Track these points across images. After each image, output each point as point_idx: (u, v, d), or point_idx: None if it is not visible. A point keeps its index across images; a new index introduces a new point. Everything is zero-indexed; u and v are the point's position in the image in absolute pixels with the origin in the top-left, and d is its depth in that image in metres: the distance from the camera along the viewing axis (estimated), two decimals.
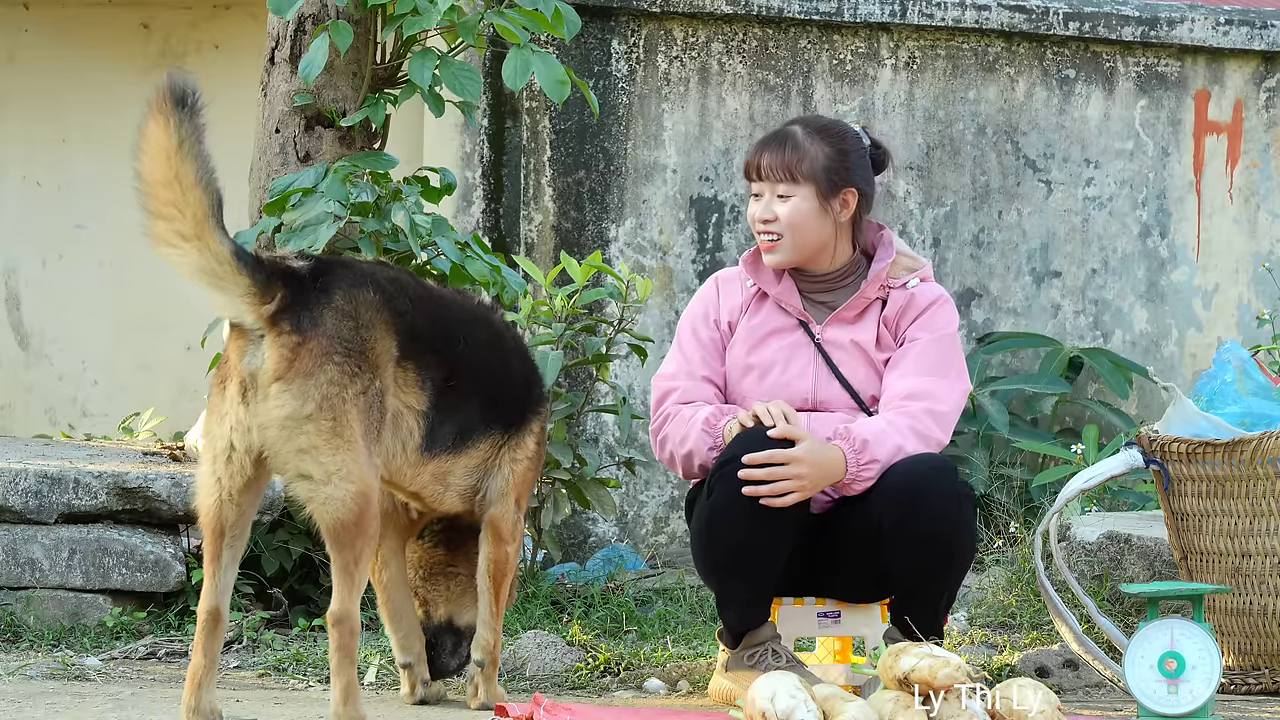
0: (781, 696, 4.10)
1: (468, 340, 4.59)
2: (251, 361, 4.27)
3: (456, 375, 4.54)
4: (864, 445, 4.73)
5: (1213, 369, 5.48)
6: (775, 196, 4.89)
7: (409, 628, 4.84)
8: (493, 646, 4.78)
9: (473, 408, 4.60)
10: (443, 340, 4.54)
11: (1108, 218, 7.63)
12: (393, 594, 4.84)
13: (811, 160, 4.87)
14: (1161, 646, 4.72)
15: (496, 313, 4.81)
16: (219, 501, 4.34)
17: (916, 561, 4.72)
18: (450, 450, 4.57)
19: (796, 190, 4.87)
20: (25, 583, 5.68)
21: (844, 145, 4.92)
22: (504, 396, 4.68)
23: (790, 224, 4.88)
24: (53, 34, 8.22)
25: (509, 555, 4.75)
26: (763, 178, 4.90)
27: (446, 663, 4.87)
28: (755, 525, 4.70)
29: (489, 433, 4.65)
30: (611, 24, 7.21)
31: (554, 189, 7.16)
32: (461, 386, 4.56)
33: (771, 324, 4.96)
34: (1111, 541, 5.94)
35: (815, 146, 4.89)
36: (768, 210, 4.89)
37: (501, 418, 4.67)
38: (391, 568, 4.84)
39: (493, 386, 4.65)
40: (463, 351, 4.56)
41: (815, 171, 4.87)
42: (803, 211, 4.88)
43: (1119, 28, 7.57)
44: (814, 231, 4.89)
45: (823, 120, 5.01)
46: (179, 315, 8.04)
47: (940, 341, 4.90)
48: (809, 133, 4.92)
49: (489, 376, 4.64)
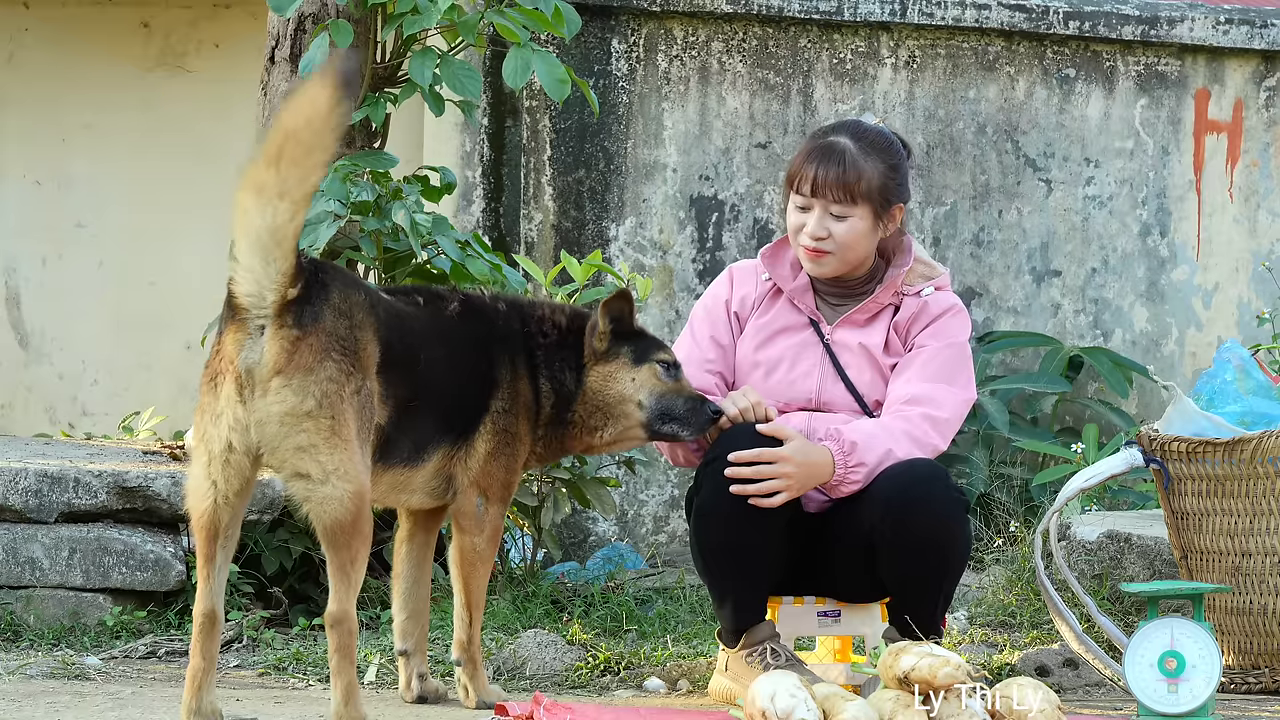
0: (781, 696, 4.10)
1: (428, 356, 4.54)
2: (249, 355, 4.23)
3: (417, 395, 4.49)
4: (853, 448, 4.72)
5: (1213, 368, 5.48)
6: (828, 214, 4.81)
7: (413, 612, 4.81)
8: (467, 644, 4.74)
9: (428, 425, 4.55)
10: (410, 358, 4.49)
11: (1108, 217, 7.63)
12: (406, 570, 4.81)
13: (869, 180, 4.80)
14: (1162, 645, 4.72)
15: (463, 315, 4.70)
16: (214, 505, 4.30)
17: (911, 568, 4.71)
18: (405, 463, 4.52)
19: (853, 211, 4.81)
20: (25, 582, 5.68)
21: (894, 160, 4.86)
22: (456, 408, 4.61)
23: (844, 243, 4.83)
24: (53, 33, 8.22)
25: (474, 546, 4.68)
26: (816, 194, 4.82)
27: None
28: (743, 523, 4.69)
29: (440, 444, 4.59)
30: (612, 23, 7.21)
31: (554, 188, 7.16)
32: (420, 406, 4.51)
33: (782, 321, 4.95)
34: (1111, 540, 5.94)
35: (870, 164, 4.81)
36: (820, 228, 4.82)
37: (452, 428, 4.60)
38: (411, 545, 4.81)
39: (447, 401, 4.58)
40: (424, 369, 4.51)
41: (872, 191, 4.81)
42: (858, 231, 4.83)
43: (1119, 27, 7.57)
44: (864, 248, 4.87)
45: (870, 132, 4.89)
46: (179, 314, 8.05)
47: (948, 349, 4.88)
48: (863, 149, 4.83)
49: (444, 393, 4.57)
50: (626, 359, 4.75)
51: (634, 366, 4.75)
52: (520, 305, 4.81)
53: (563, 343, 4.76)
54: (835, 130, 4.90)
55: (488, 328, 4.71)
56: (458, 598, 4.74)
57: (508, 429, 4.68)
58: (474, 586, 4.72)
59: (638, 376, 4.74)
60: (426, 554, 4.83)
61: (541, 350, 4.75)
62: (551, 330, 4.76)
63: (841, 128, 4.91)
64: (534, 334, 4.75)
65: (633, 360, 4.76)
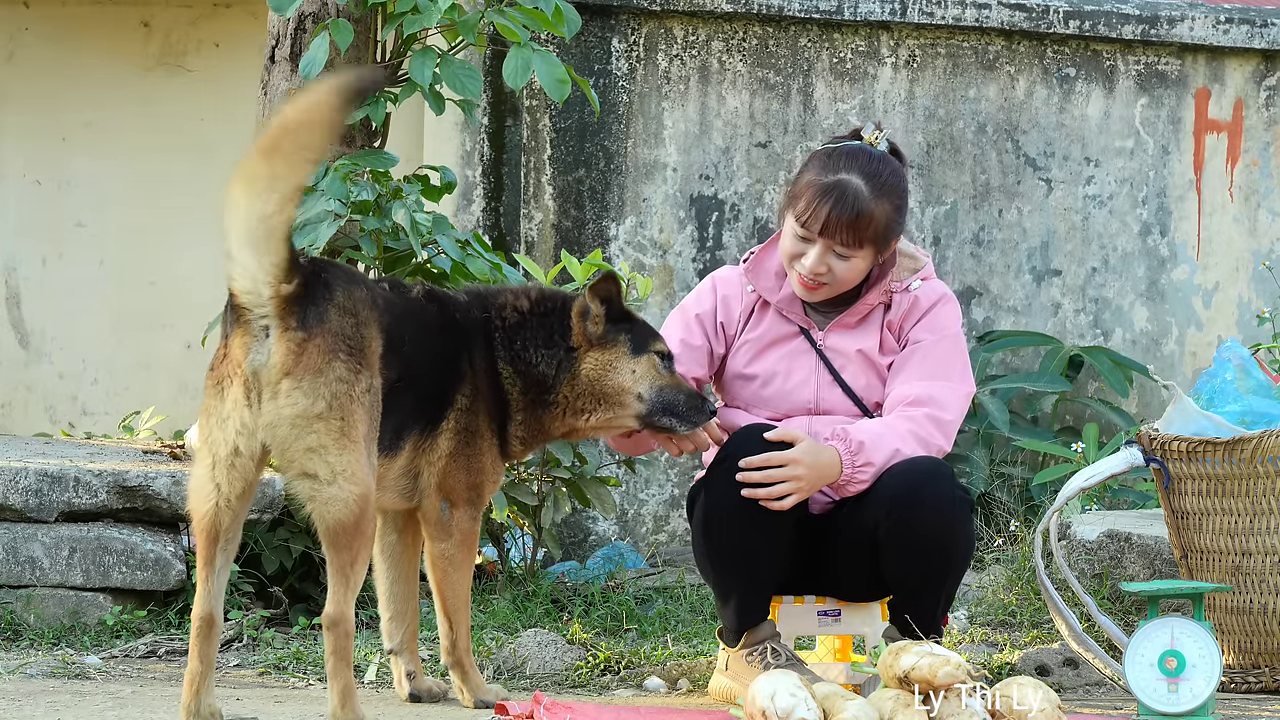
0: (782, 695, 4.10)
1: (410, 338, 4.51)
2: (257, 358, 4.22)
3: (402, 376, 4.47)
4: (860, 447, 4.72)
5: (1213, 367, 5.48)
6: (831, 252, 4.78)
7: (396, 612, 4.79)
8: (453, 648, 4.72)
9: (406, 407, 4.51)
10: (399, 340, 4.46)
11: (1108, 216, 7.63)
12: (385, 570, 4.78)
13: (876, 224, 4.77)
14: (1162, 645, 4.72)
15: (427, 301, 4.67)
16: (216, 508, 4.29)
17: (913, 566, 4.71)
18: (386, 451, 4.47)
19: (858, 253, 4.79)
20: (25, 581, 5.68)
21: (900, 199, 4.82)
22: (428, 395, 4.57)
23: (843, 280, 4.82)
24: (53, 32, 8.22)
25: (444, 552, 4.65)
26: (824, 234, 4.76)
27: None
28: (752, 524, 4.70)
29: (412, 432, 4.55)
30: (612, 22, 7.21)
31: (554, 187, 7.16)
32: (404, 385, 4.48)
33: (773, 333, 4.94)
34: (1111, 540, 5.94)
35: (879, 207, 4.77)
36: (820, 264, 4.79)
37: (422, 416, 4.57)
38: (383, 544, 4.77)
39: (421, 385, 4.54)
40: (406, 350, 4.49)
41: (879, 234, 4.78)
42: (858, 270, 4.82)
43: (1119, 26, 7.57)
44: (859, 279, 4.87)
45: (883, 168, 4.83)
46: (179, 314, 8.05)
47: (944, 343, 4.88)
48: (874, 190, 4.77)
49: (421, 375, 4.54)
50: (625, 348, 4.71)
51: (633, 357, 4.71)
52: (481, 293, 4.77)
53: (523, 324, 4.69)
54: (847, 164, 4.80)
55: (451, 317, 4.67)
56: (436, 604, 4.72)
57: (468, 427, 4.63)
58: (449, 593, 4.68)
59: (638, 368, 4.71)
60: (407, 554, 4.80)
61: (501, 335, 4.68)
62: (512, 314, 4.69)
63: (852, 161, 4.80)
64: (493, 320, 4.69)
65: (631, 350, 4.72)
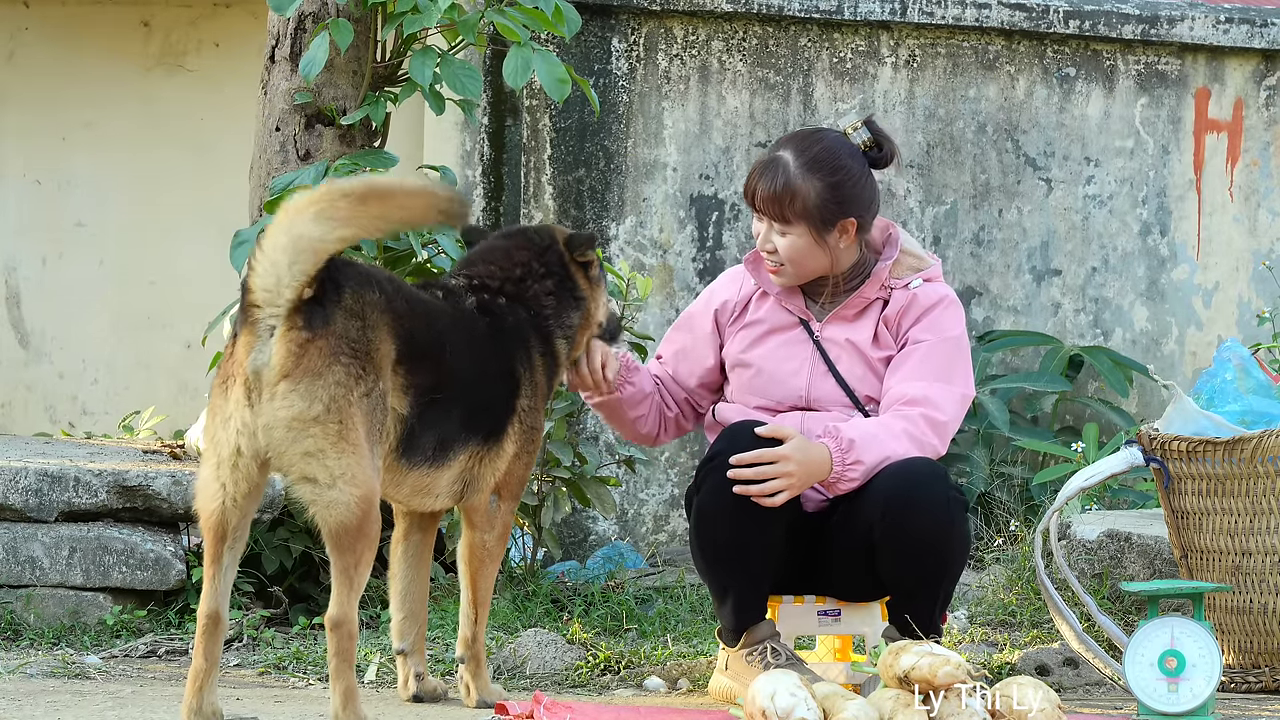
0: (782, 694, 4.11)
1: (453, 348, 4.53)
2: (258, 359, 4.21)
3: (443, 386, 4.48)
4: (850, 445, 4.72)
5: (1213, 367, 5.48)
6: (773, 229, 4.84)
7: (409, 612, 4.80)
8: (472, 641, 4.74)
9: (454, 419, 4.53)
10: (434, 347, 4.48)
11: (1108, 216, 7.63)
12: (403, 570, 4.79)
13: (803, 199, 4.78)
14: (1162, 645, 4.72)
15: (479, 312, 4.69)
16: (222, 507, 4.29)
17: (909, 568, 4.71)
18: (430, 462, 4.49)
19: (790, 229, 4.82)
20: (25, 581, 5.68)
21: (836, 177, 4.80)
22: (483, 405, 4.60)
23: (789, 258, 4.85)
24: (53, 32, 8.22)
25: (484, 543, 4.69)
26: (759, 210, 4.85)
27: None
28: (745, 522, 4.69)
29: (467, 444, 4.57)
30: (612, 22, 7.21)
31: (554, 187, 7.16)
32: (446, 397, 4.49)
33: (771, 322, 4.96)
34: (1111, 540, 5.94)
35: (807, 183, 4.78)
36: (768, 241, 4.86)
37: (480, 428, 4.59)
38: (407, 545, 4.80)
39: (473, 396, 4.56)
40: (449, 360, 4.50)
41: (808, 211, 4.79)
42: (799, 248, 4.83)
43: (1119, 26, 7.57)
44: (814, 261, 4.86)
45: (815, 145, 4.84)
46: (179, 314, 8.05)
47: (944, 345, 4.87)
48: (801, 166, 4.79)
49: (471, 386, 4.56)
50: (600, 279, 4.88)
51: (602, 288, 4.90)
52: (515, 292, 4.79)
53: (558, 302, 4.78)
54: (784, 143, 4.87)
55: (501, 326, 4.69)
56: (464, 594, 4.73)
57: (533, 425, 4.70)
58: (482, 584, 4.72)
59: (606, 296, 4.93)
60: (424, 553, 4.82)
61: (546, 325, 4.75)
62: (548, 300, 4.76)
63: (790, 141, 4.88)
64: (537, 316, 4.74)
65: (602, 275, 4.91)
